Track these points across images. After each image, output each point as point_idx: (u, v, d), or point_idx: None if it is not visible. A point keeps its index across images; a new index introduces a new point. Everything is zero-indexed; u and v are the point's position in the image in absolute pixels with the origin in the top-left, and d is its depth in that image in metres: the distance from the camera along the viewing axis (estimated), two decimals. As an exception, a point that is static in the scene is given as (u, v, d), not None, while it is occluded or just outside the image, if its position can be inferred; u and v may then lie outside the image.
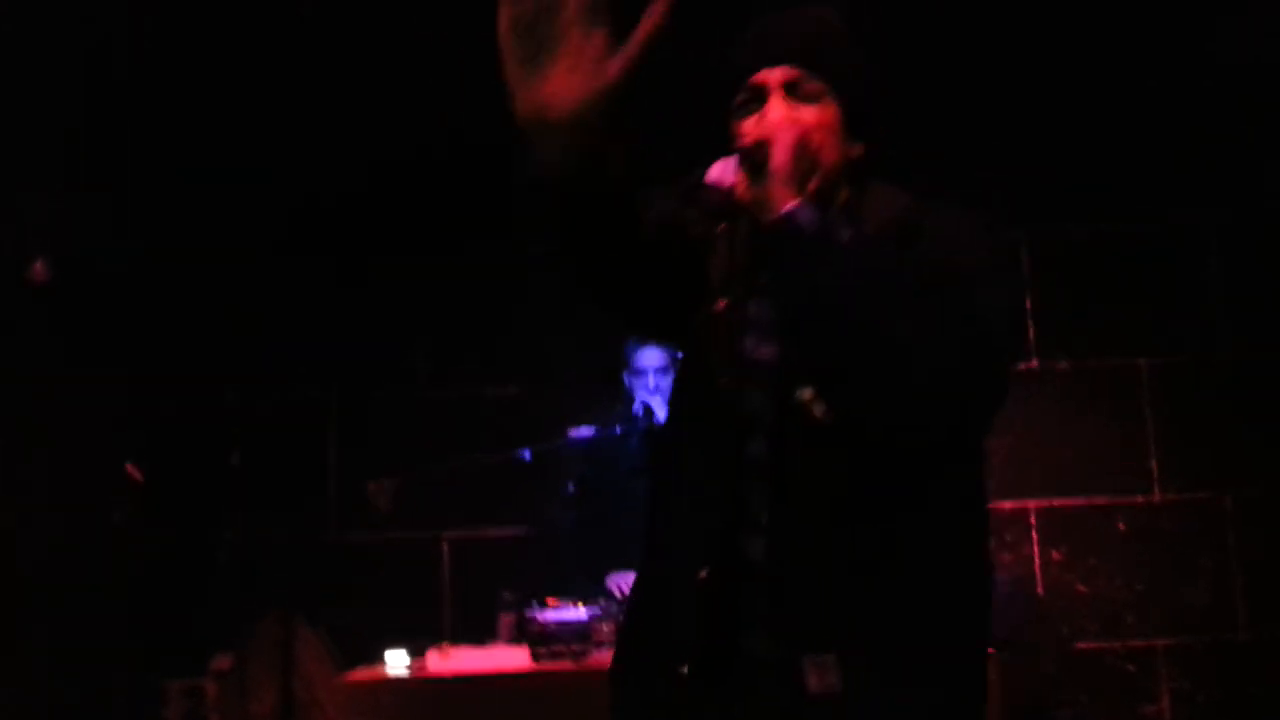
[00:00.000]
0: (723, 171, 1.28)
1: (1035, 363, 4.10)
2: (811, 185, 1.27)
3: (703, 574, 1.29)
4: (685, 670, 1.29)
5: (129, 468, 2.73)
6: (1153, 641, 3.92)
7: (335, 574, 3.87)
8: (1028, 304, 4.02)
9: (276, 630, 2.96)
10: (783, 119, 1.30)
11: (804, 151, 1.27)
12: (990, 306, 1.25)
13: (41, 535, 3.12)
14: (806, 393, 1.28)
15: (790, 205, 1.24)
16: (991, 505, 4.01)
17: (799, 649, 1.25)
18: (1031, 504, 4.03)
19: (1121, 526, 4.01)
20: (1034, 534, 4.02)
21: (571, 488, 3.26)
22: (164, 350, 3.85)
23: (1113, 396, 4.07)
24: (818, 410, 1.27)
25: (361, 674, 2.56)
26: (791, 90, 1.33)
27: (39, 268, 2.59)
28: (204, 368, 3.84)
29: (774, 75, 1.33)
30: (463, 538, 4.06)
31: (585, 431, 3.12)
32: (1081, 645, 3.92)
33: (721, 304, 1.37)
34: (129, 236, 3.60)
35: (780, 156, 1.25)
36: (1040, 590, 3.97)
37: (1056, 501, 4.03)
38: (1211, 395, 3.99)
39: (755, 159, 1.26)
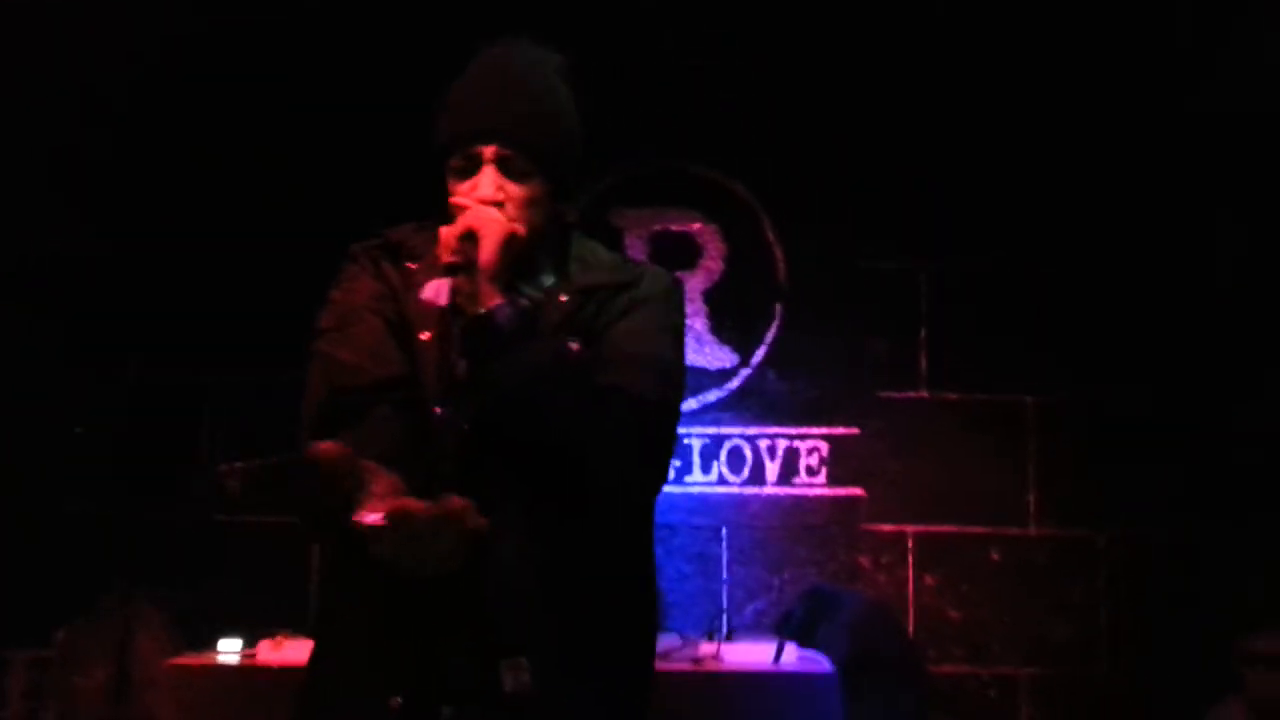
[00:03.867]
0: (436, 292, 1.46)
1: (925, 393, 4.17)
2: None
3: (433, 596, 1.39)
4: (398, 701, 1.40)
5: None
6: (1016, 670, 4.01)
7: (206, 556, 3.83)
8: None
9: (115, 607, 2.92)
10: (490, 217, 1.46)
11: (509, 249, 1.44)
12: (651, 415, 1.48)
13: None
14: None
15: (492, 303, 1.41)
16: (870, 527, 4.08)
17: (496, 656, 1.40)
18: (910, 529, 4.10)
19: (995, 556, 4.09)
20: (910, 558, 4.09)
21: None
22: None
23: (997, 430, 4.15)
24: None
25: (189, 659, 2.53)
26: (503, 165, 1.50)
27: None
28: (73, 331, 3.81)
29: (487, 151, 1.50)
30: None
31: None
32: (948, 669, 4.00)
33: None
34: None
35: (487, 254, 1.41)
36: (912, 613, 4.04)
37: (934, 528, 4.10)
38: (1092, 436, 4.08)
39: (465, 251, 1.42)
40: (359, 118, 4.06)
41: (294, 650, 2.50)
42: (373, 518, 1.20)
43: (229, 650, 2.47)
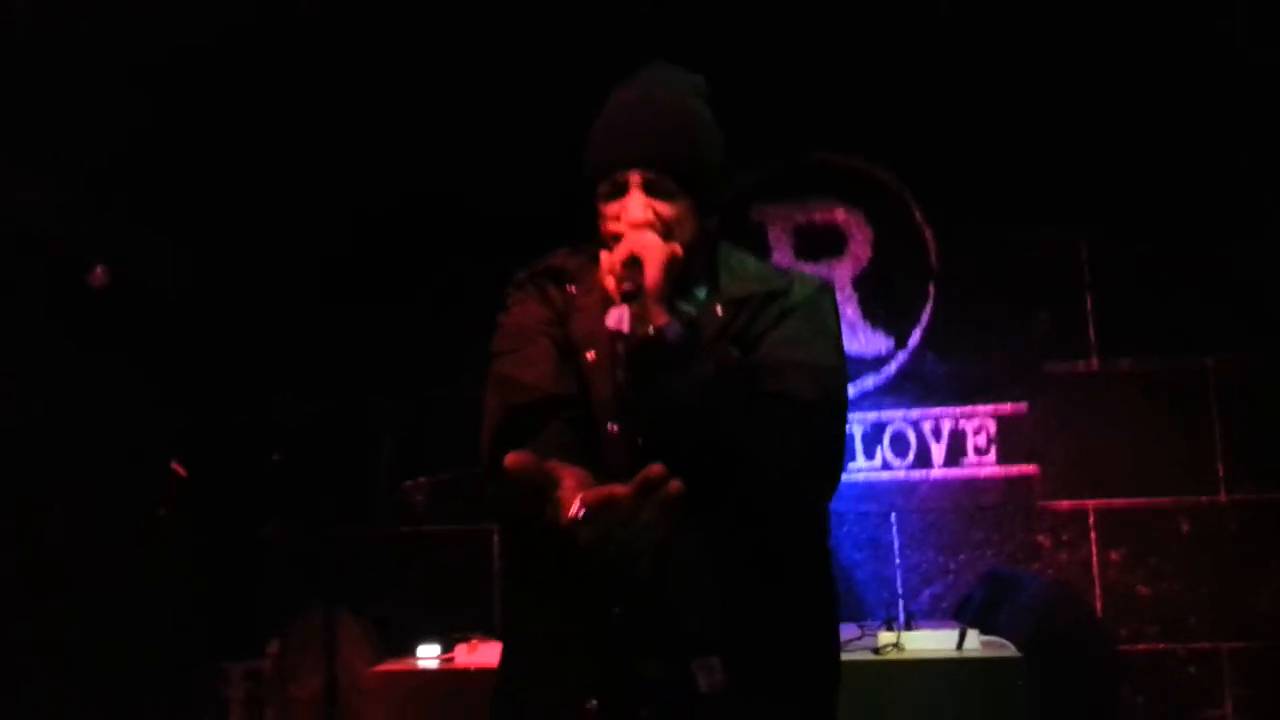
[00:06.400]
0: (618, 320, 1.48)
1: (1096, 364, 4.03)
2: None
3: (617, 609, 1.47)
4: (594, 704, 1.46)
5: (174, 464, 2.89)
6: (1217, 645, 3.82)
7: (393, 566, 4.04)
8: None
9: (320, 619, 3.11)
10: (650, 241, 1.52)
11: (670, 270, 1.51)
12: (815, 419, 1.51)
13: (100, 530, 3.33)
14: None
15: (660, 322, 1.46)
16: (1047, 505, 3.94)
17: (687, 657, 1.45)
18: (1090, 504, 3.96)
19: (1185, 528, 3.91)
20: (1093, 534, 3.95)
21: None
22: (217, 357, 4.08)
23: (1177, 396, 3.96)
24: None
25: (393, 665, 2.68)
26: (649, 188, 1.57)
27: (99, 273, 2.73)
28: (257, 373, 4.05)
29: (634, 176, 1.57)
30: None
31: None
32: (1142, 647, 3.85)
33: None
34: (183, 254, 3.78)
35: (652, 277, 1.48)
36: (1098, 591, 3.91)
37: (1117, 502, 3.95)
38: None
39: (631, 276, 1.48)
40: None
41: (488, 653, 2.62)
42: (574, 510, 1.22)
43: (428, 655, 2.61)
